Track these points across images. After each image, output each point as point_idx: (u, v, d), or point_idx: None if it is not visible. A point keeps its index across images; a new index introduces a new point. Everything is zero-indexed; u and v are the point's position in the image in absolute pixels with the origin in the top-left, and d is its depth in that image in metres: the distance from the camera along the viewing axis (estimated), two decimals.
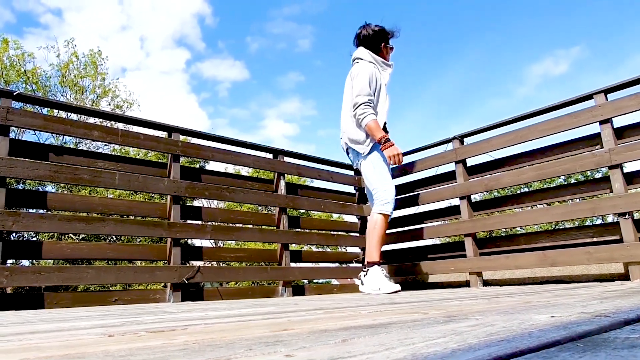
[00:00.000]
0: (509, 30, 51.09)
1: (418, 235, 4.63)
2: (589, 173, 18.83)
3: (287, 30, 48.82)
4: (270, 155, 4.46)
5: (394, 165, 3.77)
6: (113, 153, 16.33)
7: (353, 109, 3.75)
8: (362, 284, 3.73)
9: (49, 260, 12.61)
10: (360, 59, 3.93)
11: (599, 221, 16.45)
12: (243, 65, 50.99)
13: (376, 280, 3.55)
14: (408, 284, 4.83)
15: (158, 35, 42.42)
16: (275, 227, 4.31)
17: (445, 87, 52.85)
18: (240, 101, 51.66)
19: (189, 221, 3.79)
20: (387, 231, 3.99)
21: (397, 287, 3.47)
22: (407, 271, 4.61)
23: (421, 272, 4.52)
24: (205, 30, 48.81)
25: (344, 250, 5.18)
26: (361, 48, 3.98)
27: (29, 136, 23.26)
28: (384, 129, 3.85)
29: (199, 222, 3.88)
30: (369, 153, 3.78)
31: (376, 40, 3.95)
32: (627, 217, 3.24)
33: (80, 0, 35.32)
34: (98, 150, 16.95)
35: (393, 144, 3.69)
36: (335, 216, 18.17)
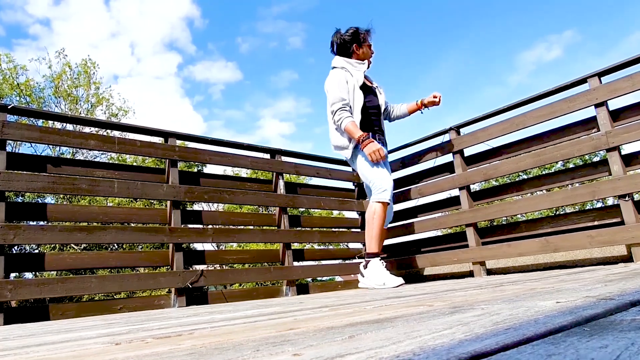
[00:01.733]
0: (499, 18, 51.11)
1: (419, 227, 4.63)
2: (587, 157, 18.85)
3: (278, 29, 48.72)
4: (267, 156, 4.46)
5: (383, 161, 3.76)
6: (110, 161, 16.34)
7: (332, 118, 3.83)
8: (363, 276, 3.75)
9: (52, 272, 12.61)
10: (333, 67, 4.00)
11: (599, 204, 16.48)
12: (235, 66, 50.83)
13: (379, 275, 3.55)
14: (411, 277, 4.84)
15: (148, 40, 42.33)
16: (276, 227, 4.31)
17: (438, 78, 52.82)
18: (234, 102, 51.59)
19: (189, 225, 3.80)
20: (390, 225, 3.99)
21: (401, 280, 3.48)
22: (410, 264, 4.61)
23: (424, 265, 4.52)
24: (195, 33, 48.68)
25: (345, 246, 5.17)
26: (336, 56, 4.05)
27: (25, 148, 23.20)
28: (374, 126, 3.93)
29: (200, 226, 3.88)
30: (357, 152, 3.82)
31: (348, 45, 3.99)
32: (627, 199, 3.25)
33: (68, 9, 35.21)
34: (95, 160, 16.94)
35: (372, 141, 3.69)
36: (335, 213, 18.18)
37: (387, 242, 4.04)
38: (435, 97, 4.09)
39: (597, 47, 47.58)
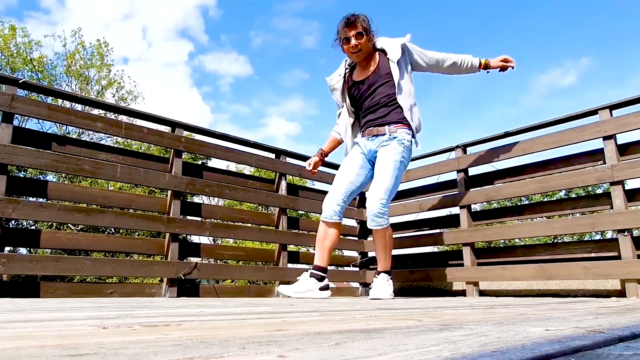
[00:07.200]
0: (516, 39, 51.01)
1: (416, 242, 4.63)
2: (590, 188, 18.81)
3: (292, 26, 48.47)
4: (272, 155, 4.47)
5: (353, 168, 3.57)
6: (115, 145, 16.35)
7: None
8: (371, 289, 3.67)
9: (47, 250, 12.62)
10: None
11: (598, 237, 16.43)
12: (246, 60, 50.52)
13: (304, 284, 3.36)
14: (404, 291, 4.83)
15: (160, 25, 42.18)
16: (274, 227, 4.31)
17: (450, 93, 52.74)
18: (242, 97, 51.29)
19: (188, 217, 3.80)
20: None
21: (325, 294, 3.36)
22: (403, 277, 4.61)
23: (417, 279, 4.52)
24: (208, 23, 48.37)
25: (341, 253, 5.17)
26: None
27: (32, 124, 23.24)
28: (362, 123, 3.61)
29: (199, 219, 3.88)
30: None
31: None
32: (626, 234, 3.24)
33: None
34: (101, 142, 16.96)
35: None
36: None
37: None
38: (507, 60, 3.62)
39: (613, 76, 47.54)
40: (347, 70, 3.67)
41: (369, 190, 3.45)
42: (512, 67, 3.64)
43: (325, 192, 4.94)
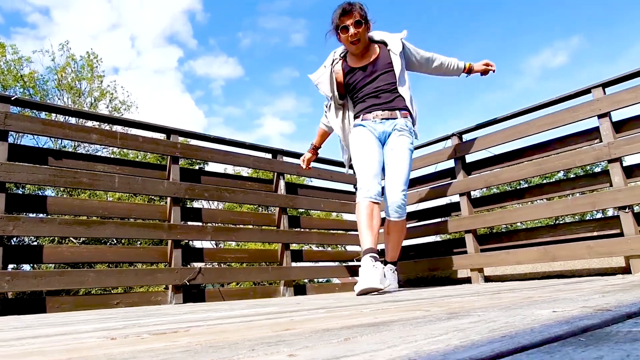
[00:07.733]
0: (506, 22, 51.01)
1: (418, 232, 4.63)
2: (588, 167, 18.83)
3: (280, 25, 48.28)
4: (269, 156, 4.46)
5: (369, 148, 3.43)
6: (112, 156, 16.30)
7: None
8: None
9: (50, 265, 12.62)
10: None
11: (599, 215, 16.45)
12: (236, 62, 50.31)
13: (360, 273, 3.11)
14: (409, 282, 4.83)
15: (148, 33, 42.10)
16: (275, 227, 4.31)
17: (442, 80, 52.52)
18: (234, 99, 51.11)
19: (189, 222, 3.80)
20: None
21: (366, 285, 3.07)
22: (408, 268, 4.61)
23: (422, 269, 4.52)
24: (196, 27, 48.18)
25: (344, 249, 5.17)
26: None
27: (27, 140, 23.19)
28: (367, 105, 3.47)
29: (200, 224, 3.88)
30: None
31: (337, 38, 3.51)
32: (627, 210, 3.24)
33: None
34: (97, 154, 16.93)
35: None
36: (334, 215, 18.15)
37: (382, 246, 3.96)
38: (488, 65, 3.73)
39: (604, 54, 47.47)
40: (340, 60, 3.58)
41: (387, 181, 3.36)
42: (493, 71, 3.70)
43: (324, 190, 4.96)
